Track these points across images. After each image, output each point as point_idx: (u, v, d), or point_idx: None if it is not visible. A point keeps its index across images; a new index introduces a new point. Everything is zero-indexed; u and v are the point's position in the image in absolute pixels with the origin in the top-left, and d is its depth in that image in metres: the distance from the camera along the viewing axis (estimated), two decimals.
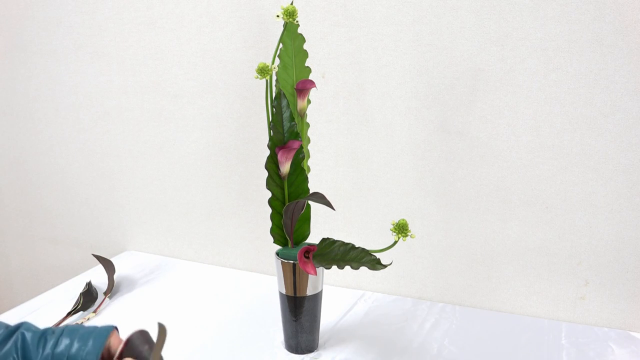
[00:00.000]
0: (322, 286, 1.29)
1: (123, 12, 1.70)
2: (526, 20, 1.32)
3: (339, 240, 1.18)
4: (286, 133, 1.23)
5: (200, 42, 1.63)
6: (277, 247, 1.32)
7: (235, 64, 1.60)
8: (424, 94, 1.44)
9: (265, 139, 1.26)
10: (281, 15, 1.21)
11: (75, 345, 0.89)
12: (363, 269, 1.15)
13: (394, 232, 1.13)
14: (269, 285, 1.59)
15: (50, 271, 2.06)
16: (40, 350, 0.87)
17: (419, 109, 1.46)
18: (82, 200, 1.93)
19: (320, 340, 1.34)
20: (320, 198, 1.19)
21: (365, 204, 1.56)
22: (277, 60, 1.25)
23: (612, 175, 1.34)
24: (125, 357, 0.90)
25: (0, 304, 2.15)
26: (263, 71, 1.20)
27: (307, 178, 1.27)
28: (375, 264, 1.13)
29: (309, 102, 1.29)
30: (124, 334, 0.95)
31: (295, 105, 1.27)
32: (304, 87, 1.24)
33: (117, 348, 0.92)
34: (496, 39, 1.35)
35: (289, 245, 1.30)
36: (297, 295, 1.26)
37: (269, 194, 1.28)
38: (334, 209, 1.16)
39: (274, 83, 1.25)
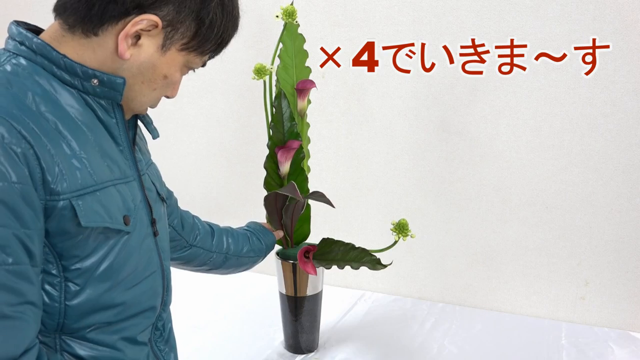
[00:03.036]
0: (322, 286, 1.29)
1: None
2: (526, 20, 1.32)
3: (339, 240, 1.18)
4: (286, 133, 1.22)
5: None
6: (277, 247, 1.32)
7: (235, 64, 1.60)
8: (424, 94, 1.44)
9: (265, 139, 1.25)
10: (280, 16, 1.21)
11: None
12: (363, 269, 1.15)
13: (394, 232, 1.13)
14: (269, 285, 1.59)
15: None
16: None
17: (419, 109, 1.45)
18: None
19: (320, 340, 1.34)
20: (320, 197, 1.19)
21: (365, 204, 1.56)
22: (277, 60, 1.25)
23: (612, 175, 1.34)
24: None
25: None
26: (260, 72, 1.20)
27: (307, 178, 1.27)
28: (375, 264, 1.13)
29: (309, 102, 1.29)
30: None
31: (296, 105, 1.27)
32: (304, 87, 1.24)
33: None
34: (496, 39, 1.35)
35: (289, 245, 1.30)
36: (297, 295, 1.26)
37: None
38: (333, 207, 1.16)
39: (273, 83, 1.25)
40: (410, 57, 1.43)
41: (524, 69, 1.35)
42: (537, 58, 1.33)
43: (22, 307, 0.67)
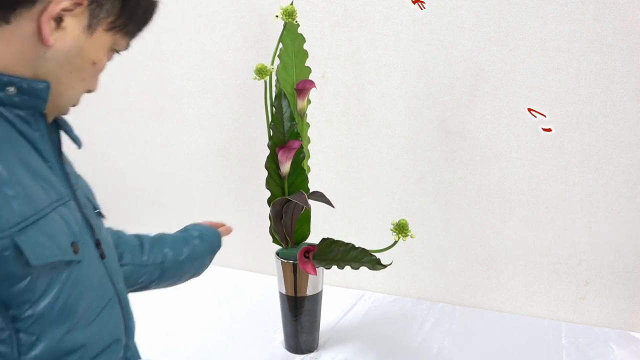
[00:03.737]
0: (322, 286, 1.29)
1: None
2: (526, 20, 1.32)
3: (339, 240, 1.18)
4: (286, 133, 1.23)
5: (200, 42, 1.63)
6: (277, 247, 1.32)
7: (235, 64, 1.60)
8: (424, 94, 1.44)
9: (265, 139, 1.25)
10: (280, 16, 1.21)
11: None
12: (363, 269, 1.15)
13: (394, 232, 1.13)
14: (269, 285, 1.59)
15: None
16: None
17: (419, 109, 1.46)
18: None
19: (320, 340, 1.34)
20: (320, 196, 1.19)
21: (365, 204, 1.56)
22: (277, 61, 1.25)
23: (612, 175, 1.34)
24: None
25: None
26: (261, 72, 1.20)
27: (307, 178, 1.27)
28: (375, 264, 1.13)
29: (309, 102, 1.29)
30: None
31: (296, 105, 1.27)
32: (304, 87, 1.24)
33: None
34: (496, 39, 1.35)
35: (289, 245, 1.30)
36: (297, 295, 1.26)
37: (268, 194, 1.28)
38: (333, 206, 1.16)
39: (273, 83, 1.25)
40: (411, 57, 1.43)
41: (524, 68, 1.35)
42: (537, 58, 1.33)
43: None
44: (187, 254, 1.06)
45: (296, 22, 1.23)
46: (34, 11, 0.64)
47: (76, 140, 0.79)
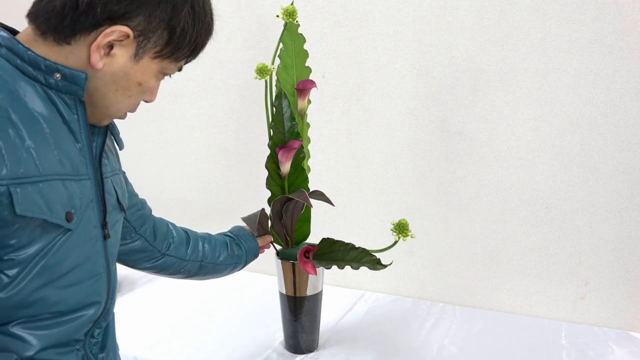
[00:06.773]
0: (322, 286, 1.29)
1: None
2: (526, 20, 1.32)
3: (339, 240, 1.18)
4: (287, 133, 1.22)
5: None
6: (277, 247, 1.32)
7: (235, 64, 1.60)
8: (424, 94, 1.44)
9: (265, 139, 1.26)
10: (281, 16, 1.21)
11: None
12: (363, 269, 1.15)
13: (394, 232, 1.13)
14: (269, 285, 1.59)
15: None
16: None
17: (419, 109, 1.46)
18: None
19: (320, 340, 1.34)
20: (320, 195, 1.19)
21: (365, 204, 1.56)
22: (277, 60, 1.25)
23: (612, 175, 1.34)
24: None
25: None
26: (262, 71, 1.20)
27: (307, 178, 1.27)
28: (375, 264, 1.13)
29: (309, 102, 1.29)
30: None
31: (296, 105, 1.27)
32: (304, 87, 1.24)
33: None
34: (496, 39, 1.35)
35: (289, 245, 1.30)
36: (297, 295, 1.26)
37: (269, 194, 1.28)
38: (333, 205, 1.16)
39: (273, 83, 1.25)
40: (411, 57, 1.43)
41: (524, 68, 1.35)
42: (537, 58, 1.33)
43: None
44: (224, 257, 1.20)
45: (296, 22, 1.23)
46: (89, 39, 0.75)
47: (119, 143, 0.92)
